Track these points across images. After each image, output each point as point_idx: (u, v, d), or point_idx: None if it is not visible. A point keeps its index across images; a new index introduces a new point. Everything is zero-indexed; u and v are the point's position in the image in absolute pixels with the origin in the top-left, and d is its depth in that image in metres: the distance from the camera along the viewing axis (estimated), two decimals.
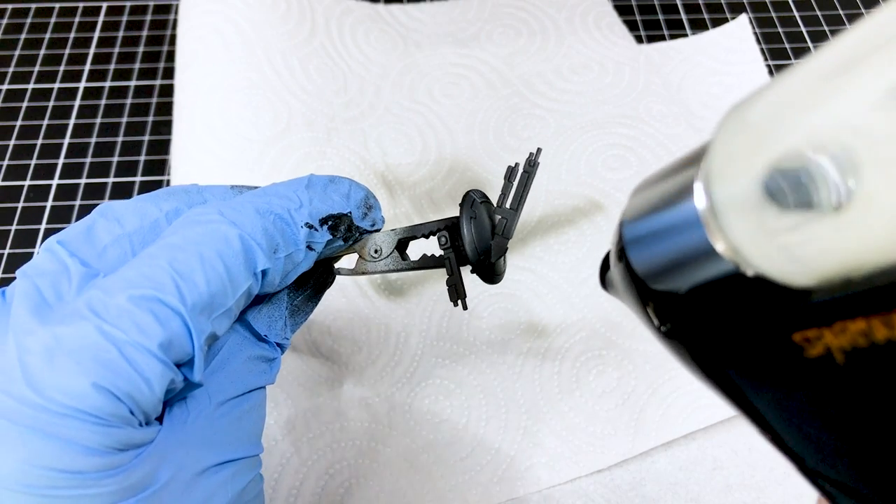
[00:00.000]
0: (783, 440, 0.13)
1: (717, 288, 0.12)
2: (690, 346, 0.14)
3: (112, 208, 0.20)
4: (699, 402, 0.33)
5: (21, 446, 0.15)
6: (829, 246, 0.10)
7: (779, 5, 0.51)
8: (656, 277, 0.14)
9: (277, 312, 0.23)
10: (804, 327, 0.11)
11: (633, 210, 0.15)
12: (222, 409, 0.20)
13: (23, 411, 0.15)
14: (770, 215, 0.11)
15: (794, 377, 0.12)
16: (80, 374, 0.16)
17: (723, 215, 0.12)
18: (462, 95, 0.43)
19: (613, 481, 0.32)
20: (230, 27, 0.40)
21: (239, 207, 0.20)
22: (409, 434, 0.33)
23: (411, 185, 0.40)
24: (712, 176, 0.12)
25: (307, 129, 0.38)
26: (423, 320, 0.35)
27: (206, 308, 0.18)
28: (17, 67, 0.47)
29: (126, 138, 0.44)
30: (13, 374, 0.16)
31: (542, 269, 0.37)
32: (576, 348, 0.35)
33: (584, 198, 0.39)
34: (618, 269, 0.16)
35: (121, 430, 0.16)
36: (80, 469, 0.16)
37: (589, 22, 0.47)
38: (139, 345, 0.16)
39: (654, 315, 0.14)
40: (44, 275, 0.18)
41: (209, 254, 0.18)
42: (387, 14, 0.48)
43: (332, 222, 0.22)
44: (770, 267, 0.11)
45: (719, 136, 0.12)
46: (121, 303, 0.16)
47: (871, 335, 0.10)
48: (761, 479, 0.32)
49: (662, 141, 0.41)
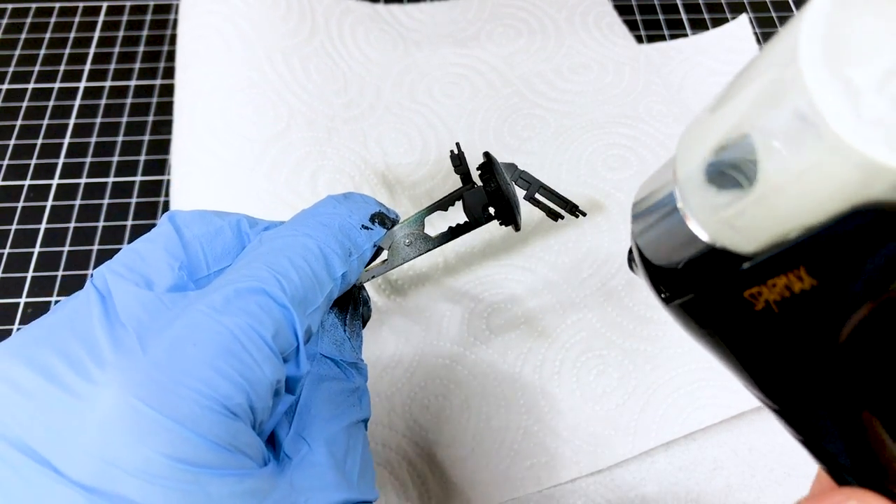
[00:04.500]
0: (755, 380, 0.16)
1: (697, 262, 0.16)
2: (685, 311, 0.17)
3: (179, 215, 0.22)
4: (699, 402, 0.33)
5: (153, 434, 0.15)
6: (753, 217, 0.13)
7: (779, 5, 0.51)
8: (656, 256, 0.18)
9: (339, 336, 0.24)
10: (749, 286, 0.14)
11: (637, 204, 0.18)
12: (323, 450, 0.20)
13: (159, 398, 0.15)
14: (712, 194, 0.14)
15: (751, 328, 0.14)
16: (203, 360, 0.16)
17: (685, 198, 0.15)
18: (462, 95, 0.43)
19: (613, 481, 0.32)
20: (230, 27, 0.40)
21: (307, 223, 0.22)
22: (408, 434, 0.33)
23: (411, 185, 0.40)
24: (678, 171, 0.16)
25: (308, 129, 0.38)
26: (424, 321, 0.35)
27: (301, 302, 0.19)
28: (17, 67, 0.47)
29: (126, 138, 0.44)
30: (142, 363, 0.16)
31: (542, 269, 0.37)
32: (576, 348, 0.35)
33: (584, 198, 0.39)
34: (635, 254, 0.19)
35: (242, 425, 0.16)
36: (206, 463, 0.15)
37: (589, 22, 0.47)
38: (253, 332, 0.17)
39: (657, 286, 0.18)
40: (135, 271, 0.19)
41: (296, 258, 0.20)
42: (387, 14, 0.48)
43: (378, 219, 0.24)
44: (722, 237, 0.14)
45: (681, 142, 0.16)
46: (229, 294, 0.17)
47: (791, 287, 0.13)
48: (761, 479, 0.32)
49: (662, 141, 0.41)
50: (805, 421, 0.15)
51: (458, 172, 0.28)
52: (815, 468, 0.28)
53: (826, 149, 0.11)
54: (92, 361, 0.16)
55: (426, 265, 0.37)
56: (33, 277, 0.38)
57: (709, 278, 0.15)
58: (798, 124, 0.11)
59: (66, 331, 0.17)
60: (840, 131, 0.10)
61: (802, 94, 0.11)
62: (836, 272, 0.12)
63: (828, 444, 0.14)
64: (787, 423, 0.15)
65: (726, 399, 0.33)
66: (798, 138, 0.11)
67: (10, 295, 0.38)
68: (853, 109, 0.10)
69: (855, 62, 0.11)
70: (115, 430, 0.15)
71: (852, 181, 0.11)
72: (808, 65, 0.11)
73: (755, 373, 0.15)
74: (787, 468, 0.32)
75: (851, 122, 0.10)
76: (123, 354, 0.16)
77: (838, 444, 0.14)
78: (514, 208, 0.27)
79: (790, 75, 0.11)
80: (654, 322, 0.35)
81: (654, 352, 0.34)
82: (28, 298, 0.38)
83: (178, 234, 0.21)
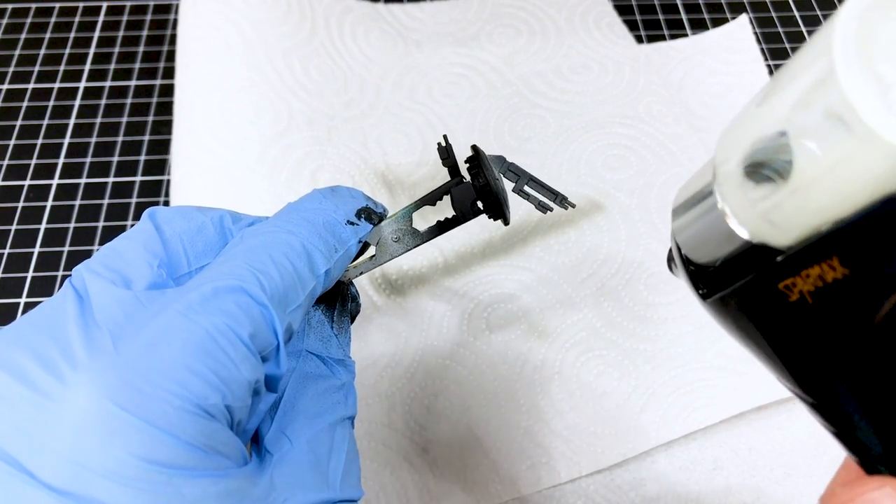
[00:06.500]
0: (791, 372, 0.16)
1: (736, 258, 0.16)
2: (722, 306, 0.17)
3: (159, 212, 0.21)
4: (699, 402, 0.33)
5: (125, 436, 0.15)
6: (788, 210, 0.13)
7: (779, 5, 0.51)
8: (695, 255, 0.18)
9: (325, 333, 0.23)
10: (784, 278, 0.14)
11: (677, 202, 0.19)
12: (305, 448, 0.19)
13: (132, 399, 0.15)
14: (749, 190, 0.14)
15: (786, 319, 0.15)
16: (178, 360, 0.16)
17: (724, 196, 0.16)
18: (462, 95, 0.43)
19: (613, 481, 0.32)
20: (230, 27, 0.40)
21: (291, 220, 0.21)
22: (408, 434, 0.33)
23: (411, 185, 0.40)
24: (718, 169, 0.16)
25: (308, 129, 0.38)
26: (424, 320, 0.35)
27: (282, 300, 0.19)
28: (17, 67, 0.47)
29: (126, 138, 0.44)
30: (115, 364, 0.16)
31: (542, 269, 0.37)
32: (576, 348, 0.35)
33: (584, 198, 0.39)
34: (675, 256, 0.20)
35: (218, 425, 0.16)
36: (180, 464, 0.15)
37: (589, 22, 0.47)
38: (230, 332, 0.17)
39: (696, 284, 0.18)
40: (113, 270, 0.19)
41: (277, 255, 0.19)
42: (387, 14, 0.48)
43: (364, 214, 0.24)
44: (759, 232, 0.15)
45: (720, 141, 0.16)
46: (206, 293, 0.17)
47: (824, 277, 0.13)
48: (761, 479, 0.32)
49: (662, 141, 0.41)
50: (839, 412, 0.15)
51: (445, 165, 0.27)
52: (816, 467, 0.28)
53: (858, 141, 0.11)
54: (65, 362, 0.16)
55: (426, 265, 0.37)
56: (33, 277, 0.38)
57: (744, 272, 0.16)
58: (831, 118, 0.12)
59: (40, 331, 0.17)
60: (872, 124, 0.11)
61: (836, 89, 0.11)
62: (868, 260, 0.12)
63: (862, 435, 0.14)
64: (820, 416, 0.15)
65: (726, 399, 0.33)
66: (831, 132, 0.12)
67: (10, 295, 0.38)
68: (884, 103, 0.11)
69: (886, 59, 0.11)
70: (87, 432, 0.15)
71: (884, 172, 0.11)
72: (841, 61, 0.11)
73: (790, 364, 0.16)
74: (787, 468, 0.32)
75: (883, 115, 0.11)
76: (97, 355, 0.16)
77: (872, 435, 0.14)
78: (503, 203, 0.27)
79: (824, 72, 0.12)
80: (654, 322, 0.35)
81: (654, 352, 0.34)
82: (28, 298, 0.38)
83: (157, 231, 0.20)
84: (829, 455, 0.32)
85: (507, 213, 0.27)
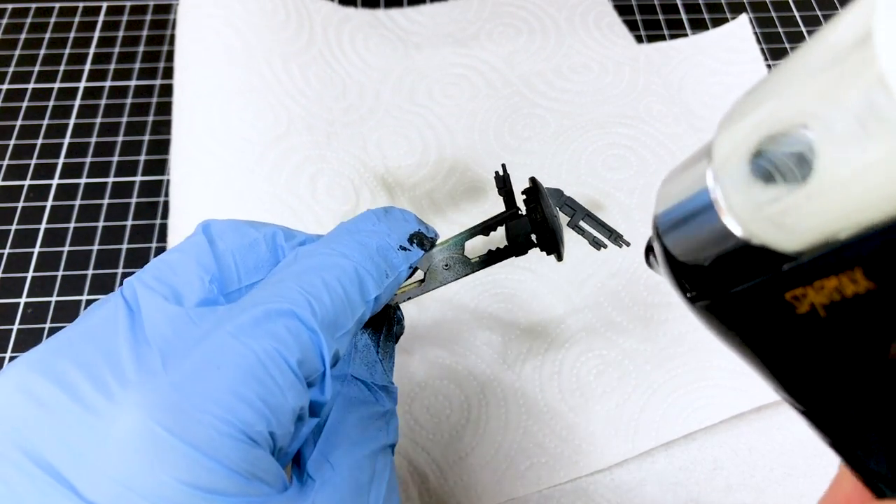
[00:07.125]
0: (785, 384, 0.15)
1: (729, 259, 0.15)
2: (713, 311, 0.16)
3: (213, 225, 0.21)
4: (699, 402, 0.33)
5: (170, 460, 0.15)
6: (803, 214, 0.12)
7: (779, 5, 0.51)
8: (681, 252, 0.17)
9: (371, 358, 0.23)
10: (793, 287, 0.13)
11: (662, 200, 0.17)
12: (347, 475, 0.19)
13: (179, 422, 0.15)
14: (755, 188, 0.13)
15: (790, 331, 0.14)
16: (226, 385, 0.16)
17: (722, 190, 0.14)
18: (462, 95, 0.43)
19: (613, 481, 0.32)
20: (230, 31, 0.40)
21: (344, 242, 0.21)
22: (408, 434, 0.33)
23: (411, 187, 0.40)
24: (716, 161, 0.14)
25: (307, 133, 0.38)
26: (425, 321, 0.35)
27: (331, 326, 0.18)
28: (17, 67, 0.47)
29: (126, 138, 0.44)
30: (164, 385, 0.16)
31: (542, 269, 0.37)
32: (576, 348, 0.35)
33: (584, 198, 0.39)
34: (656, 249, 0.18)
35: (261, 452, 0.16)
36: (221, 489, 0.15)
37: (589, 22, 0.47)
38: (279, 357, 0.17)
39: (681, 284, 0.17)
40: (165, 283, 0.19)
41: (330, 279, 0.19)
42: (386, 19, 0.48)
43: (417, 239, 0.24)
44: (761, 234, 0.13)
45: (721, 130, 0.14)
46: (258, 315, 0.17)
47: (842, 291, 0.12)
48: (761, 479, 0.32)
49: (662, 141, 0.41)
50: (839, 427, 0.14)
51: (501, 194, 0.27)
52: (816, 467, 0.28)
53: None
54: (114, 379, 0.16)
55: None
56: (33, 277, 0.38)
57: (742, 278, 0.14)
58: (867, 114, 0.10)
59: (90, 344, 0.17)
60: None
61: (876, 81, 0.10)
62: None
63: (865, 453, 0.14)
64: (814, 425, 0.15)
65: (726, 399, 0.33)
66: (866, 129, 0.10)
67: (10, 295, 0.38)
68: None
69: None
70: (133, 453, 0.15)
71: None
72: (884, 50, 0.10)
73: (787, 376, 0.15)
74: (787, 468, 0.32)
75: None
76: (146, 374, 0.16)
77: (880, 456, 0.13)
78: (560, 239, 0.26)
79: (860, 61, 0.10)
80: (654, 322, 0.35)
81: (654, 352, 0.34)
82: (28, 298, 0.38)
83: (210, 245, 0.20)
84: (829, 455, 0.32)
85: (561, 250, 0.27)
